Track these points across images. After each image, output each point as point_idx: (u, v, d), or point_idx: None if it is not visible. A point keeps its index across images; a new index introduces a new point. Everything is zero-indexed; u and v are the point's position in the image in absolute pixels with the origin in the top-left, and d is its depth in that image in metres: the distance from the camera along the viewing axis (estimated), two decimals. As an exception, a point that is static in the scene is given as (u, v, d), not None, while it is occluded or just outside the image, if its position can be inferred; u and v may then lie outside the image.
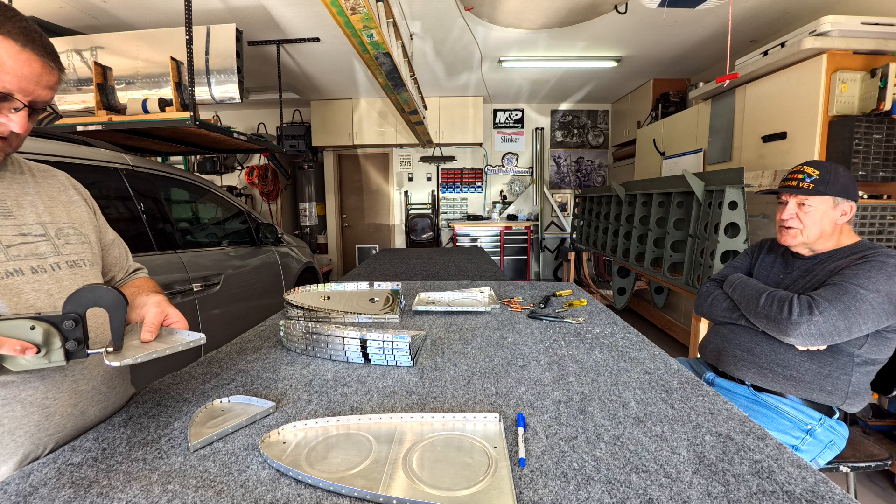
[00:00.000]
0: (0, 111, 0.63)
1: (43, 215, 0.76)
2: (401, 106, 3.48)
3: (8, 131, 0.65)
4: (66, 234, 0.78)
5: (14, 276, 0.67)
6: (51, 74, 0.67)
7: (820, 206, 1.17)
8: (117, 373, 0.84)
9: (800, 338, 1.07)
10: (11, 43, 0.61)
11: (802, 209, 1.19)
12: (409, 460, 0.62)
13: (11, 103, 0.63)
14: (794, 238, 1.22)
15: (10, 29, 0.61)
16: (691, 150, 3.48)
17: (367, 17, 1.85)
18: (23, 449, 0.66)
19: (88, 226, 0.84)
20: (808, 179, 1.18)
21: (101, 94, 2.26)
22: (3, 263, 0.67)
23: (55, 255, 0.74)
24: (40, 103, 0.67)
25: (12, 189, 0.73)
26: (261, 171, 5.67)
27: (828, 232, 1.19)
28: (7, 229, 0.69)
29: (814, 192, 1.17)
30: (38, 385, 0.68)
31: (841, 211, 1.17)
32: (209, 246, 2.44)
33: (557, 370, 0.97)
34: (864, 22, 2.18)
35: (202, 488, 0.58)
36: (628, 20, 3.21)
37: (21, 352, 0.56)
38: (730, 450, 0.65)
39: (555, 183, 6.02)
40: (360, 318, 1.34)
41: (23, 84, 0.63)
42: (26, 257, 0.70)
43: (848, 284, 1.05)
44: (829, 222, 1.18)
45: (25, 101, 0.64)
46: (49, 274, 0.72)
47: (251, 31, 3.33)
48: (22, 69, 0.62)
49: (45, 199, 0.78)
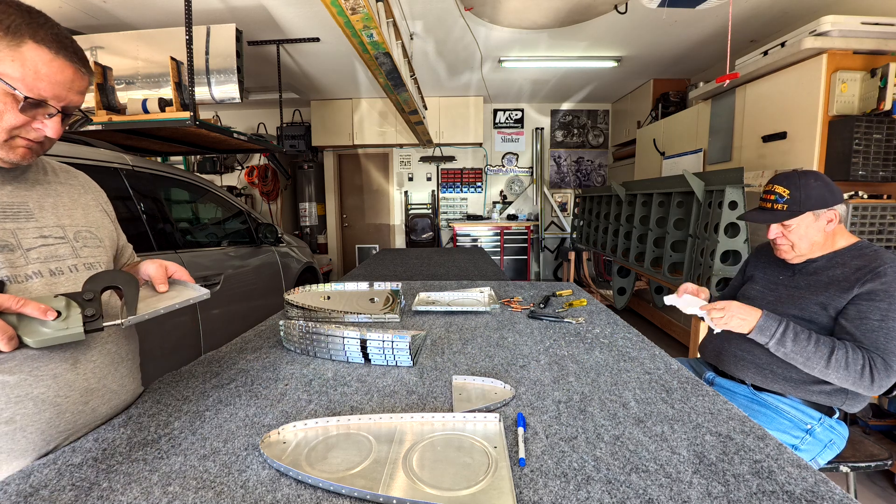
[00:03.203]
0: (35, 117, 0.64)
1: (63, 218, 0.77)
2: (401, 106, 3.48)
3: (43, 136, 0.66)
4: (84, 237, 0.79)
5: (33, 280, 0.68)
6: (82, 80, 0.68)
7: (802, 223, 1.16)
8: (128, 371, 0.84)
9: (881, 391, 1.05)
10: (45, 50, 0.62)
11: (787, 228, 1.18)
12: (409, 460, 0.62)
13: (46, 109, 0.64)
14: (789, 254, 1.22)
15: (43, 36, 0.62)
16: (691, 150, 3.48)
17: (367, 17, 1.84)
18: (34, 446, 0.67)
19: (104, 229, 0.86)
20: (780, 201, 1.17)
21: (101, 94, 2.26)
22: (23, 267, 0.67)
23: (74, 257, 0.75)
24: (72, 108, 0.68)
25: (35, 191, 0.74)
26: (261, 171, 5.67)
27: (819, 241, 1.18)
28: (28, 232, 0.70)
29: (788, 214, 1.15)
30: (51, 383, 0.68)
31: (826, 219, 1.15)
32: (209, 246, 2.44)
33: (557, 370, 0.97)
34: (864, 22, 2.18)
35: (202, 489, 0.58)
36: (628, 20, 3.21)
37: (44, 314, 0.59)
38: (730, 450, 0.65)
39: (555, 183, 6.02)
40: (360, 318, 1.34)
41: (56, 90, 0.64)
42: (46, 260, 0.71)
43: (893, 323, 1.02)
44: (816, 232, 1.16)
45: (59, 106, 0.65)
46: (66, 276, 0.73)
47: (251, 31, 3.33)
48: (55, 76, 0.63)
49: (66, 202, 0.79)
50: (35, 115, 0.64)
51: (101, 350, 0.77)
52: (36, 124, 0.65)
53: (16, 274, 0.66)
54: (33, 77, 0.61)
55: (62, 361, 0.70)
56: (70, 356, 0.71)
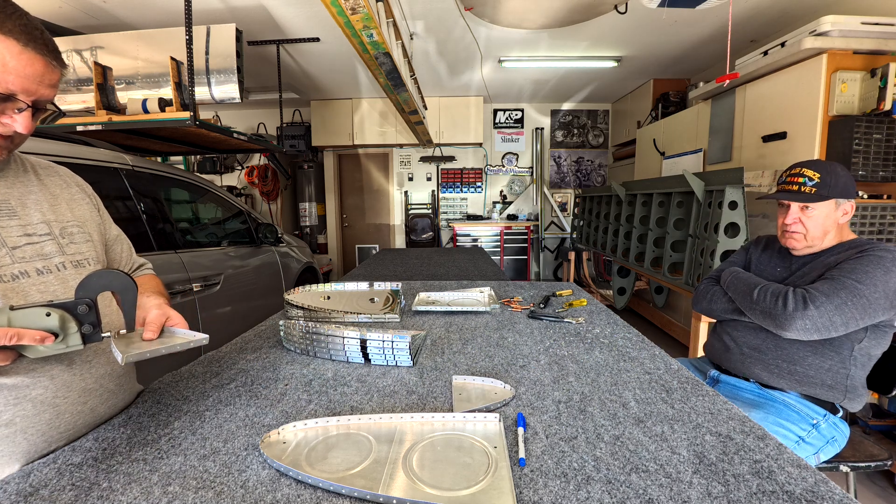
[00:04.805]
0: (3, 111, 0.62)
1: (47, 214, 0.75)
2: (401, 106, 3.48)
3: (12, 131, 0.64)
4: (71, 232, 0.78)
5: (20, 279, 0.67)
6: (53, 73, 0.65)
7: (823, 210, 1.17)
8: (125, 370, 0.84)
9: (795, 332, 1.08)
10: (13, 42, 0.60)
11: (805, 213, 1.18)
12: (409, 460, 0.62)
13: (15, 104, 0.62)
14: (799, 242, 1.21)
15: (11, 27, 0.60)
16: (691, 149, 3.48)
17: (367, 17, 1.84)
18: (35, 447, 0.66)
19: (91, 223, 0.84)
20: (809, 183, 1.17)
21: (101, 94, 2.26)
22: (8, 266, 0.66)
23: (60, 254, 0.74)
24: (43, 102, 0.66)
25: (16, 188, 0.73)
26: (261, 171, 5.67)
27: (830, 232, 1.19)
28: (12, 230, 0.69)
29: (817, 197, 1.16)
30: (48, 384, 0.68)
31: (843, 211, 1.17)
32: (209, 246, 2.44)
33: (557, 370, 0.97)
34: (864, 22, 2.18)
35: (202, 489, 0.58)
36: (628, 20, 3.21)
37: (41, 341, 0.57)
38: (730, 450, 0.65)
39: (555, 183, 6.02)
40: (360, 318, 1.34)
41: (26, 84, 0.62)
42: (31, 258, 0.69)
43: (845, 279, 1.05)
44: (831, 223, 1.18)
45: (29, 101, 0.63)
46: (55, 275, 0.72)
47: (251, 31, 3.33)
48: (24, 69, 0.61)
49: (48, 198, 0.77)
50: (4, 109, 0.62)
51: (97, 350, 0.77)
52: (5, 119, 0.62)
53: (1, 274, 0.65)
54: (0, 70, 0.59)
55: (59, 362, 0.70)
56: (66, 357, 0.71)
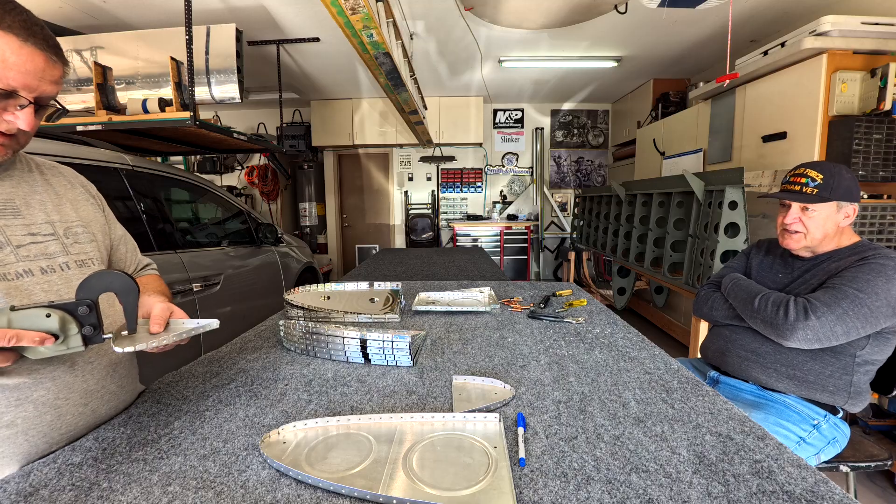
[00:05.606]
0: (6, 109, 0.62)
1: (52, 214, 0.75)
2: (401, 106, 3.48)
3: (15, 129, 0.64)
4: (75, 232, 0.78)
5: (24, 278, 0.67)
6: (54, 68, 0.65)
7: (824, 211, 1.16)
8: (126, 371, 0.84)
9: (796, 341, 1.07)
10: (13, 38, 0.59)
11: (806, 213, 1.18)
12: (409, 460, 0.62)
13: (17, 100, 0.62)
14: (798, 242, 1.20)
15: (10, 23, 0.59)
16: (691, 149, 3.48)
17: (367, 17, 1.84)
18: (35, 448, 0.66)
19: (95, 224, 0.84)
20: (811, 184, 1.17)
21: (101, 93, 2.26)
22: (13, 265, 0.66)
23: (64, 254, 0.74)
24: (45, 99, 0.66)
25: (21, 188, 0.73)
26: (261, 171, 5.67)
27: (831, 234, 1.18)
28: (17, 229, 0.69)
29: (818, 198, 1.15)
30: (50, 386, 0.68)
31: (844, 214, 1.16)
32: (209, 246, 2.44)
33: (557, 370, 0.97)
34: (864, 22, 2.18)
35: (202, 489, 0.58)
36: (628, 20, 3.21)
37: (40, 343, 0.56)
38: (730, 450, 0.65)
39: (555, 183, 6.02)
40: (360, 318, 1.34)
41: (27, 80, 0.61)
42: (36, 258, 0.69)
43: (847, 288, 1.05)
44: (832, 225, 1.17)
45: (30, 97, 0.63)
46: (59, 274, 0.72)
47: (251, 31, 3.33)
48: (25, 65, 0.61)
49: (53, 198, 0.77)
50: (5, 106, 0.62)
51: (99, 351, 0.76)
52: (7, 116, 0.62)
53: (5, 272, 0.65)
54: (1, 66, 0.59)
55: (61, 364, 0.69)
56: (68, 358, 0.71)
